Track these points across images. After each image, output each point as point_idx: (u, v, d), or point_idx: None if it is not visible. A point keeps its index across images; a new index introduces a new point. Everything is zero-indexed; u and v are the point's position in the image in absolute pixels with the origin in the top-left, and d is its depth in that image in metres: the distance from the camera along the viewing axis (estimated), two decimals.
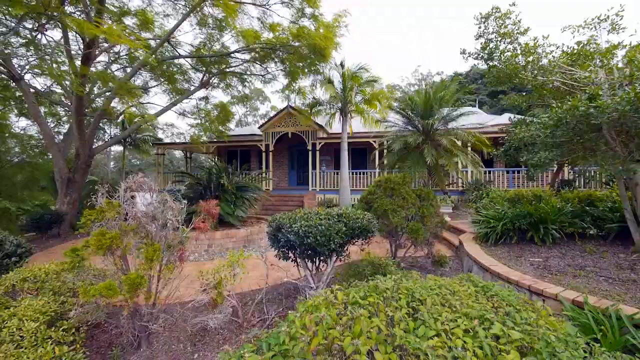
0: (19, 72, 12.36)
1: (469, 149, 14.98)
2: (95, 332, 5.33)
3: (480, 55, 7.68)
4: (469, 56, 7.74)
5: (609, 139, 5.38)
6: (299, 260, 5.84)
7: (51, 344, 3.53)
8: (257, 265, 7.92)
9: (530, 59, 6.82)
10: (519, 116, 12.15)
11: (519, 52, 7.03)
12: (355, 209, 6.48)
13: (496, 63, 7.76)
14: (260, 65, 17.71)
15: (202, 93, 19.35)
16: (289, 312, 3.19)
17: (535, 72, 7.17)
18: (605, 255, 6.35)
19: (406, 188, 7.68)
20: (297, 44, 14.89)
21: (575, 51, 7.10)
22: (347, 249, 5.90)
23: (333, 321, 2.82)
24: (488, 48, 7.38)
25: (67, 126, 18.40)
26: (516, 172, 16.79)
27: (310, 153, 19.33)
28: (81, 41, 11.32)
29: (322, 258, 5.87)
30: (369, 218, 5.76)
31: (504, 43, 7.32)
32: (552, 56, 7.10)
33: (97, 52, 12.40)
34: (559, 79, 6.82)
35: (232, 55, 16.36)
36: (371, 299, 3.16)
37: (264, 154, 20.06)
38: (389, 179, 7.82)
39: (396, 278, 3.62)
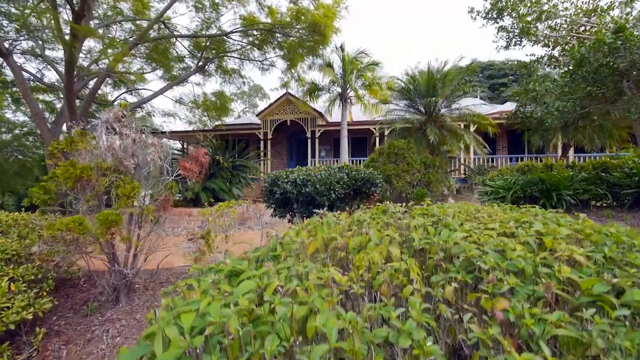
0: (7, 46, 11.89)
1: (472, 130, 14.53)
2: (71, 291, 4.85)
3: (488, 14, 7.26)
4: (477, 14, 7.31)
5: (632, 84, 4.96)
6: (296, 218, 5.36)
7: (7, 280, 3.05)
8: (253, 239, 7.44)
9: (545, 7, 6.39)
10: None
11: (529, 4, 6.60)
12: None
13: (505, 23, 7.34)
14: (259, 50, 17.28)
15: (199, 79, 18.90)
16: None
17: (548, 30, 6.77)
18: (627, 219, 5.90)
19: (410, 153, 7.22)
20: (297, 26, 14.50)
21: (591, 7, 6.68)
22: (350, 208, 5.43)
23: (336, 232, 2.35)
24: (499, 4, 6.95)
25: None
26: (520, 158, 16.36)
27: (309, 141, 18.88)
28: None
29: (321, 213, 5.39)
30: (371, 171, 5.30)
31: None
32: (569, 13, 6.69)
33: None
34: (574, 34, 6.41)
35: (230, 37, 15.91)
36: (380, 221, 2.70)
37: (262, 143, 19.60)
38: (392, 144, 7.37)
39: (409, 205, 3.16)
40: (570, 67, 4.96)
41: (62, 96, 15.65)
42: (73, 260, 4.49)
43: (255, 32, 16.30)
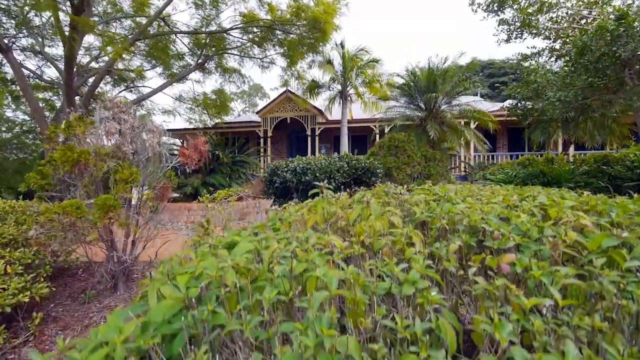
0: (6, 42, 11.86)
1: (473, 127, 14.49)
2: (69, 280, 4.81)
3: (489, 7, 7.23)
4: (478, 7, 7.28)
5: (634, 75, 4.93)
6: None
7: (3, 263, 3.01)
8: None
9: None
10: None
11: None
12: None
13: (506, 16, 7.30)
14: (259, 47, 17.25)
15: (199, 77, 18.85)
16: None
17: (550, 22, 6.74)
18: None
19: (411, 146, 7.18)
20: (297, 23, 14.49)
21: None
22: None
23: (337, 207, 2.32)
24: None
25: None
26: (520, 155, 16.32)
27: (309, 139, 18.84)
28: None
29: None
30: (371, 160, 5.26)
31: None
32: (570, 4, 6.66)
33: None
34: (576, 25, 6.38)
35: (229, 34, 15.89)
36: (382, 200, 2.66)
37: (262, 140, 19.55)
38: (393, 137, 7.33)
39: (410, 187, 3.12)
40: (572, 55, 4.93)
41: (61, 94, 15.64)
42: (71, 249, 4.46)
43: (255, 30, 16.28)
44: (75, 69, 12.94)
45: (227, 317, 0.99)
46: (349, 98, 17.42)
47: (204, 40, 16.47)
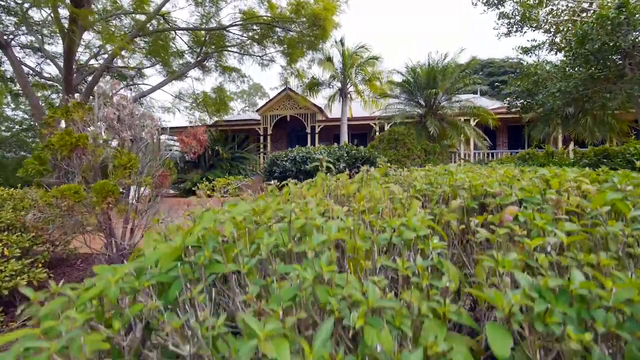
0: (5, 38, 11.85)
1: (473, 124, 14.49)
2: (67, 270, 4.79)
3: (489, 0, 7.22)
4: (479, 0, 7.28)
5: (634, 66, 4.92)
6: None
7: (1, 246, 2.99)
8: None
9: None
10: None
11: None
12: None
13: (507, 9, 7.30)
14: (258, 45, 17.25)
15: (198, 74, 18.84)
16: None
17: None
18: None
19: (411, 139, 7.17)
20: (297, 20, 14.50)
21: None
22: None
23: (339, 182, 2.30)
24: None
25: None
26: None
27: (309, 136, 18.81)
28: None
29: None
30: (371, 150, 5.25)
31: None
32: None
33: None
34: (576, 18, 6.38)
35: (229, 31, 15.88)
36: (383, 180, 2.64)
37: (262, 138, 19.52)
38: (393, 130, 7.32)
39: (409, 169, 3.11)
40: (573, 44, 4.91)
41: (60, 93, 15.62)
42: (70, 237, 4.44)
43: (255, 27, 16.28)
44: (74, 67, 12.94)
45: (225, 264, 0.97)
46: (348, 96, 17.41)
47: (203, 38, 16.48)
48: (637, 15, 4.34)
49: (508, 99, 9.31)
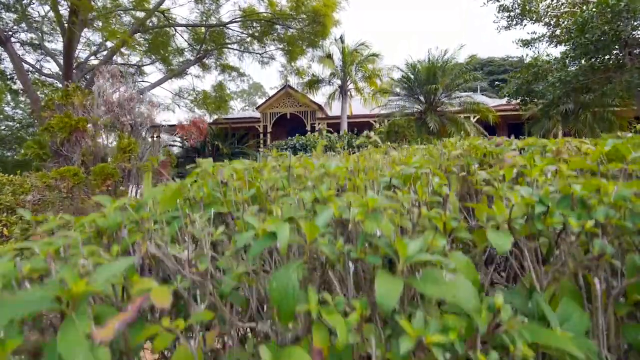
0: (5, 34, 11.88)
1: (474, 121, 14.49)
2: None
3: None
4: None
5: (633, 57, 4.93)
6: None
7: (1, 226, 2.98)
8: None
9: None
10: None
11: None
12: None
13: (506, 2, 7.31)
14: (258, 42, 17.28)
15: (198, 72, 18.86)
16: None
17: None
18: None
19: (410, 132, 7.18)
20: (297, 17, 14.54)
21: None
22: None
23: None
24: None
25: None
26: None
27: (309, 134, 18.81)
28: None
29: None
30: (371, 139, 5.25)
31: None
32: None
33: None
34: (576, 10, 6.38)
35: (229, 28, 15.90)
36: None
37: (261, 136, 19.51)
38: (393, 122, 7.33)
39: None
40: (573, 33, 4.92)
41: (59, 89, 15.62)
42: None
43: (254, 24, 16.30)
44: (74, 63, 12.95)
45: (224, 201, 0.97)
46: (348, 93, 17.41)
47: (203, 35, 16.50)
48: (637, 2, 4.35)
49: (506, 90, 9.32)
